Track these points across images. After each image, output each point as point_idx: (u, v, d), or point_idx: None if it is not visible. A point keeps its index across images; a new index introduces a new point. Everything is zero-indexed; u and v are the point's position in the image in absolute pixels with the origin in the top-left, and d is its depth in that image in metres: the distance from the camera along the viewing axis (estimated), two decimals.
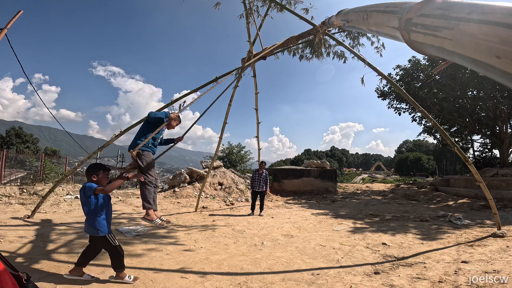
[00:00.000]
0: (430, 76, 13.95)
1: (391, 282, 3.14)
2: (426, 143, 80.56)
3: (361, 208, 9.69)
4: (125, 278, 2.99)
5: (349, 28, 2.26)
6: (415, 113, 16.93)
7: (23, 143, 33.20)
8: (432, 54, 0.91)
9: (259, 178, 8.23)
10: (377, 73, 5.72)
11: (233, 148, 21.08)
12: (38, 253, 3.95)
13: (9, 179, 10.31)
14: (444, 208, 9.36)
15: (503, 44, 0.56)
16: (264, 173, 8.32)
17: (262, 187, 8.22)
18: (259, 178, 8.23)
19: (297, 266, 3.79)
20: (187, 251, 4.43)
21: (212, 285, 3.10)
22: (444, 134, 5.58)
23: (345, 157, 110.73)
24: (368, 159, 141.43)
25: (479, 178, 5.27)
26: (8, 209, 6.82)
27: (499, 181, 11.17)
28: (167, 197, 10.57)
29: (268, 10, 7.10)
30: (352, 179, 53.95)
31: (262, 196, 8.38)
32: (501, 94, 12.69)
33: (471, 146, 18.77)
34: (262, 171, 8.32)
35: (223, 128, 8.03)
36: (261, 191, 8.26)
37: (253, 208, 8.23)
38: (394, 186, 16.81)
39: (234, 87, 7.47)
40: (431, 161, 67.47)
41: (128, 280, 2.99)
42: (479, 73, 1.12)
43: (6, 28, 4.76)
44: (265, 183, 8.29)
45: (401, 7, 1.13)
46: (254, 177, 8.33)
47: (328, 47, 7.82)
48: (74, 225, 5.87)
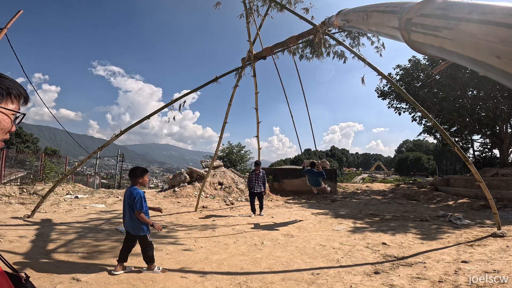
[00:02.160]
0: (430, 76, 13.94)
1: (391, 282, 3.14)
2: (426, 143, 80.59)
3: (361, 208, 9.69)
4: (154, 269, 3.45)
5: (349, 28, 2.26)
6: (415, 113, 16.94)
7: (23, 143, 33.20)
8: (432, 54, 0.91)
9: (256, 178, 7.99)
10: (377, 73, 5.72)
11: (233, 147, 21.08)
12: (38, 253, 3.96)
13: (9, 178, 10.31)
14: (444, 208, 9.36)
15: (503, 44, 0.56)
16: (261, 173, 8.09)
17: (260, 188, 7.99)
18: (257, 179, 7.99)
19: (297, 265, 3.79)
20: (187, 250, 4.43)
21: (212, 284, 3.10)
22: (444, 134, 5.58)
23: (345, 157, 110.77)
24: (368, 159, 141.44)
25: (479, 178, 5.27)
26: (8, 209, 6.82)
27: (499, 181, 11.17)
28: (167, 197, 10.57)
29: (268, 10, 7.11)
30: (352, 179, 53.94)
31: (260, 197, 8.16)
32: (501, 94, 12.69)
33: (471, 146, 18.77)
34: (259, 171, 8.10)
35: (223, 127, 8.03)
36: (259, 191, 8.02)
37: (254, 210, 8.02)
38: (394, 186, 16.81)
39: (234, 86, 7.47)
40: (431, 161, 67.47)
41: (157, 271, 3.44)
42: (479, 73, 1.12)
43: (6, 28, 4.76)
44: (263, 183, 8.06)
45: (401, 7, 1.13)
46: (251, 178, 8.07)
47: (328, 47, 7.83)
48: (74, 224, 5.88)
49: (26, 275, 0.67)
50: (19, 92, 0.69)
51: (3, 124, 0.66)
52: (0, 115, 0.65)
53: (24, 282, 0.65)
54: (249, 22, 6.92)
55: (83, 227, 5.69)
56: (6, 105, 0.66)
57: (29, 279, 0.68)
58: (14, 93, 0.68)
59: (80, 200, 9.12)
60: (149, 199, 10.07)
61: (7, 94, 0.66)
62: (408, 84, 15.13)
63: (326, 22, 4.30)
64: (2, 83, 0.66)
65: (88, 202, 8.88)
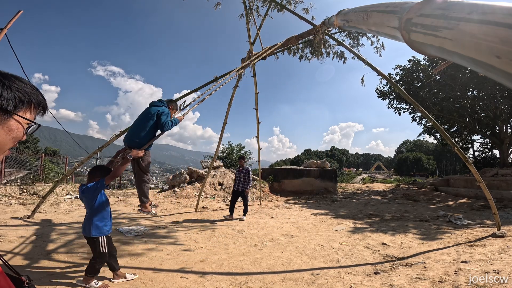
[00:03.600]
0: (430, 76, 13.94)
1: (391, 282, 3.14)
2: (426, 143, 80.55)
3: (361, 208, 9.69)
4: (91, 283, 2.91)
5: (349, 28, 2.26)
6: (415, 113, 16.94)
7: (23, 143, 33.25)
8: (432, 54, 0.91)
9: (239, 175, 7.37)
10: (377, 73, 5.72)
11: (233, 148, 21.07)
12: (38, 253, 3.96)
13: (9, 179, 10.31)
14: (444, 208, 9.36)
15: (503, 44, 0.56)
16: (244, 169, 7.38)
17: (242, 186, 7.29)
18: (239, 175, 7.36)
19: (297, 266, 3.79)
20: (187, 251, 4.43)
21: (212, 285, 3.10)
22: (444, 134, 5.58)
23: (345, 157, 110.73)
24: (368, 159, 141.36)
25: (479, 178, 5.27)
26: (8, 209, 6.82)
27: (499, 181, 11.17)
28: (167, 197, 10.57)
29: (268, 10, 7.10)
30: (352, 179, 53.92)
31: (243, 197, 7.39)
32: (501, 94, 12.69)
33: (471, 146, 18.76)
34: (243, 167, 7.41)
35: (223, 128, 8.02)
36: (240, 190, 7.33)
37: (232, 210, 7.30)
38: (394, 186, 16.80)
39: (234, 87, 7.47)
40: (431, 161, 67.43)
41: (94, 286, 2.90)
42: (479, 73, 1.12)
43: (6, 28, 4.76)
44: (246, 181, 7.30)
45: (401, 7, 1.13)
46: (235, 175, 7.50)
47: (328, 47, 7.82)
48: (74, 225, 5.87)
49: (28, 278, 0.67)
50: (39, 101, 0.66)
51: (16, 133, 0.62)
52: (15, 123, 0.61)
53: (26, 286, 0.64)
54: (249, 22, 6.92)
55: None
56: (24, 113, 0.63)
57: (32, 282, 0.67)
58: (35, 102, 0.65)
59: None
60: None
61: (28, 102, 0.63)
62: (408, 84, 15.13)
63: (326, 22, 4.31)
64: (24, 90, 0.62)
65: None
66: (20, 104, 0.61)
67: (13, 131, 0.61)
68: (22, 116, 0.62)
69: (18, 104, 0.61)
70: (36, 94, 0.65)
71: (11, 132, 0.61)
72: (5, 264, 0.64)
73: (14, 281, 0.62)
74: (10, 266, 0.66)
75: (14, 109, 0.60)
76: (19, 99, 0.61)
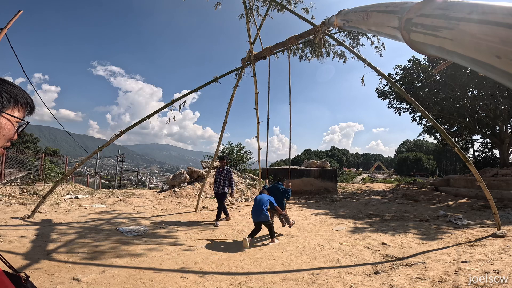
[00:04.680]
0: (430, 76, 13.94)
1: (391, 282, 3.14)
2: (426, 143, 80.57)
3: (361, 208, 9.69)
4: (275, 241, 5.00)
5: (349, 28, 2.26)
6: (415, 113, 16.94)
7: (23, 143, 33.22)
8: (432, 54, 0.91)
9: (219, 176, 6.81)
10: (377, 73, 5.72)
11: (233, 148, 21.07)
12: (38, 253, 3.96)
13: (9, 179, 10.31)
14: (444, 208, 9.36)
15: (503, 44, 0.56)
16: (225, 170, 6.83)
17: (222, 188, 6.72)
18: (219, 177, 6.80)
19: (297, 266, 3.79)
20: (187, 251, 4.43)
21: (212, 285, 3.10)
22: (444, 134, 5.58)
23: (345, 157, 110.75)
24: (368, 159, 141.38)
25: (479, 178, 5.26)
26: (8, 209, 6.82)
27: (499, 181, 11.17)
28: (167, 197, 10.57)
29: (268, 10, 7.11)
30: (352, 179, 53.95)
31: (220, 200, 6.72)
32: (501, 94, 12.69)
33: (471, 146, 18.76)
34: (223, 168, 6.87)
35: (223, 128, 8.02)
36: (220, 192, 6.71)
37: (218, 216, 6.65)
38: (394, 186, 16.81)
39: (234, 87, 7.48)
40: (431, 161, 67.47)
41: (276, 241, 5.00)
42: (479, 73, 1.12)
43: (6, 28, 4.76)
44: (226, 183, 6.74)
45: (401, 7, 1.13)
46: (215, 176, 6.96)
47: (328, 47, 7.83)
48: (74, 225, 5.87)
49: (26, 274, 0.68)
50: (26, 101, 0.70)
51: (6, 131, 0.65)
52: (4, 121, 0.65)
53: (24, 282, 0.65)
54: (249, 22, 6.92)
55: (83, 227, 5.69)
56: (12, 112, 0.66)
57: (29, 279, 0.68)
58: (22, 101, 0.68)
59: (80, 200, 9.11)
60: (149, 199, 10.07)
61: (15, 102, 0.67)
62: (408, 84, 15.14)
63: (326, 22, 4.31)
64: (11, 91, 0.66)
65: (88, 202, 8.87)
66: (7, 103, 0.65)
67: (2, 128, 0.64)
68: (11, 114, 0.66)
69: (5, 103, 0.64)
70: (23, 94, 0.69)
71: (1, 130, 0.64)
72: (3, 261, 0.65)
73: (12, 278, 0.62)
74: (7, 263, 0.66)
75: (2, 107, 0.64)
76: (6, 99, 0.65)
